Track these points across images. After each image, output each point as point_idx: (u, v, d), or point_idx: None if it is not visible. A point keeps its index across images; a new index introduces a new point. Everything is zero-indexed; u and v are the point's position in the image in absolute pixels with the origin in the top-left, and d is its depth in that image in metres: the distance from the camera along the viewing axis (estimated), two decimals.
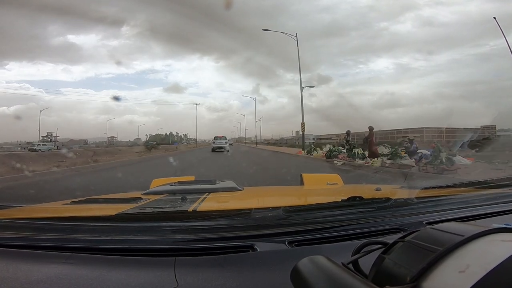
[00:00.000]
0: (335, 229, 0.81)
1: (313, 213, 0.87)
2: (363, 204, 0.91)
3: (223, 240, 0.75)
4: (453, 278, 0.35)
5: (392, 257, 0.44)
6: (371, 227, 0.83)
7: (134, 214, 0.91)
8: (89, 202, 1.18)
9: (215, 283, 0.59)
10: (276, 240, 0.76)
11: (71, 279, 0.60)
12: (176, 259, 0.66)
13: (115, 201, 1.26)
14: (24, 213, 1.04)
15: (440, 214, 0.92)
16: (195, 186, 1.55)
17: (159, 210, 1.00)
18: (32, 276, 0.61)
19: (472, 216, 0.92)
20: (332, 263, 0.44)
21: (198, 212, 0.92)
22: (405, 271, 0.39)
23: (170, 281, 0.59)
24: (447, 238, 0.41)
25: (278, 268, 0.62)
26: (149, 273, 0.62)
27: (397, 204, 0.93)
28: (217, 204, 1.28)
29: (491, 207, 0.98)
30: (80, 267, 0.64)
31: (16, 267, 0.64)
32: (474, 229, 0.41)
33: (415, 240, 0.44)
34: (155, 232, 0.79)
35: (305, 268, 0.44)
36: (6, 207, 1.07)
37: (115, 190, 3.10)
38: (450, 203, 1.00)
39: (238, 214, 0.85)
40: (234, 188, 1.47)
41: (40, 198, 2.54)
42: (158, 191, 1.35)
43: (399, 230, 0.81)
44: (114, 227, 0.81)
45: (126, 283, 0.59)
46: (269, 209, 0.89)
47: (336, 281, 0.39)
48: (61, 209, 1.15)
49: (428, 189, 1.14)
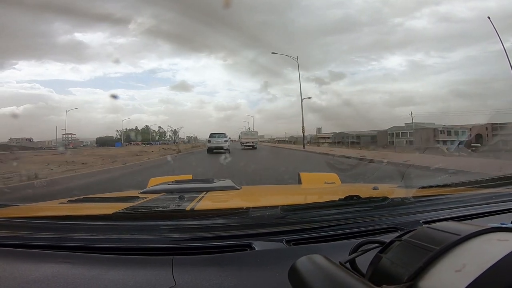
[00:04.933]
0: (333, 228, 0.82)
1: (311, 212, 0.87)
2: (360, 203, 0.92)
3: (220, 239, 0.75)
4: (450, 277, 0.35)
5: (389, 256, 0.44)
6: (368, 226, 0.83)
7: (131, 213, 0.91)
8: (86, 201, 1.17)
9: (212, 282, 0.59)
10: (273, 239, 0.76)
11: (68, 278, 0.59)
12: (174, 258, 0.66)
13: (112, 200, 1.26)
14: (21, 212, 1.03)
15: (436, 213, 0.92)
16: (193, 185, 1.54)
17: (157, 209, 1.00)
18: (29, 275, 0.60)
19: (469, 215, 0.92)
20: (330, 262, 0.44)
21: (195, 211, 0.92)
22: (402, 270, 0.40)
23: (168, 280, 0.59)
24: (444, 237, 0.41)
25: (276, 267, 0.62)
26: (146, 272, 0.62)
27: (394, 203, 0.94)
28: (215, 203, 1.28)
29: (487, 206, 0.98)
30: (77, 266, 0.64)
31: (13, 267, 0.64)
32: (470, 228, 0.41)
33: (411, 239, 0.44)
34: (153, 231, 0.79)
35: (302, 267, 0.44)
36: (2, 206, 1.06)
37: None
38: (447, 203, 1.01)
39: (236, 213, 0.85)
40: (231, 187, 1.47)
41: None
42: (155, 190, 1.34)
43: (396, 229, 0.81)
44: (111, 226, 0.81)
45: (124, 282, 0.59)
46: (267, 208, 0.89)
47: (333, 280, 0.40)
48: (58, 208, 1.14)
49: (425, 189, 1.15)
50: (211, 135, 18.42)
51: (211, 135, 18.45)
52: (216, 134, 18.58)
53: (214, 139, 17.78)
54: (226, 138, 18.24)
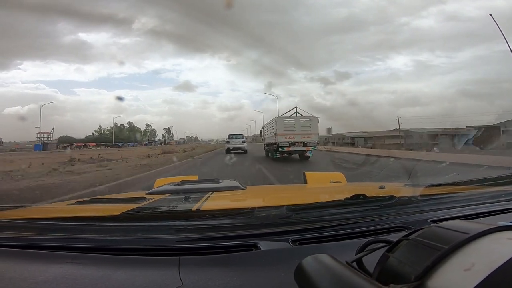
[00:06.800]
0: (339, 228, 0.81)
1: (317, 212, 0.86)
2: (366, 202, 0.91)
3: (226, 239, 0.76)
4: (458, 276, 0.35)
5: (396, 255, 0.44)
6: (375, 225, 0.82)
7: (138, 213, 0.92)
8: (94, 202, 1.19)
9: (219, 282, 0.59)
10: (279, 238, 0.76)
11: (77, 279, 0.60)
12: (180, 258, 0.66)
13: (119, 201, 1.27)
14: (30, 214, 1.05)
15: (444, 212, 0.91)
16: (198, 185, 1.55)
17: (163, 209, 1.00)
18: (38, 276, 0.61)
19: (477, 214, 0.91)
20: (336, 262, 0.44)
21: (201, 211, 0.93)
22: (410, 269, 0.39)
23: (175, 280, 0.59)
24: (452, 236, 0.40)
25: (282, 266, 0.62)
26: (153, 272, 0.62)
27: (401, 202, 0.93)
28: (220, 203, 1.28)
29: (496, 204, 0.97)
30: (85, 267, 0.65)
31: (23, 267, 0.65)
32: (479, 227, 0.41)
33: (419, 238, 0.43)
34: (159, 231, 0.79)
35: (309, 266, 0.44)
36: (12, 208, 1.08)
37: None
38: (455, 201, 0.99)
39: (241, 213, 0.85)
40: (237, 187, 1.47)
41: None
42: (161, 190, 1.35)
43: (403, 228, 0.81)
44: (119, 227, 0.81)
45: (131, 282, 0.60)
46: (272, 207, 0.88)
47: (340, 279, 0.39)
48: (66, 209, 1.16)
49: (433, 187, 1.13)
50: (230, 136, 19.32)
51: (229, 136, 19.36)
52: (234, 135, 19.50)
53: (233, 140, 18.61)
54: (244, 139, 19.24)
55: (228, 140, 18.96)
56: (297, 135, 11.32)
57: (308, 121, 11.85)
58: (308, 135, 11.41)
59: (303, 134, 11.40)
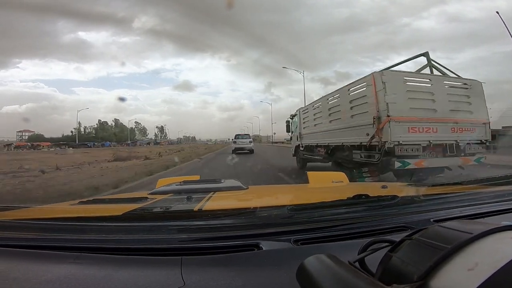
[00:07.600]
0: (341, 228, 0.81)
1: (319, 212, 0.86)
2: (369, 202, 0.91)
3: (228, 239, 0.76)
4: (462, 276, 0.35)
5: (399, 255, 0.43)
6: (377, 225, 0.82)
7: (140, 213, 0.92)
8: (96, 202, 1.19)
9: (221, 282, 0.59)
10: (281, 238, 0.76)
11: (79, 279, 0.60)
12: (183, 258, 0.66)
13: (121, 201, 1.28)
14: (33, 214, 1.05)
15: (447, 212, 0.91)
16: (200, 186, 1.56)
17: (165, 209, 1.01)
18: (41, 276, 0.61)
19: (480, 213, 0.91)
20: (338, 262, 0.44)
21: (203, 211, 0.93)
22: (413, 269, 0.39)
23: (177, 280, 0.59)
24: (455, 236, 0.40)
25: (284, 266, 0.62)
26: (156, 272, 0.63)
27: (403, 202, 0.92)
28: (222, 203, 1.28)
29: (500, 204, 0.96)
30: (88, 267, 0.65)
31: (26, 268, 0.65)
32: (482, 227, 0.40)
33: (422, 238, 0.43)
34: (162, 231, 0.80)
35: (311, 266, 0.44)
36: (15, 208, 1.09)
37: None
38: (458, 201, 0.99)
39: (243, 213, 0.85)
40: (239, 187, 1.47)
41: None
42: (164, 190, 1.36)
43: (405, 228, 0.80)
44: (121, 227, 0.82)
45: (134, 282, 0.60)
46: (274, 207, 0.88)
47: (342, 279, 0.39)
48: (69, 210, 1.16)
49: (435, 187, 1.13)
50: (236, 136, 19.75)
51: (236, 136, 19.76)
52: (240, 135, 19.96)
53: (239, 140, 18.70)
54: (250, 139, 19.43)
55: (234, 140, 19.15)
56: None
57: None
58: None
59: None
